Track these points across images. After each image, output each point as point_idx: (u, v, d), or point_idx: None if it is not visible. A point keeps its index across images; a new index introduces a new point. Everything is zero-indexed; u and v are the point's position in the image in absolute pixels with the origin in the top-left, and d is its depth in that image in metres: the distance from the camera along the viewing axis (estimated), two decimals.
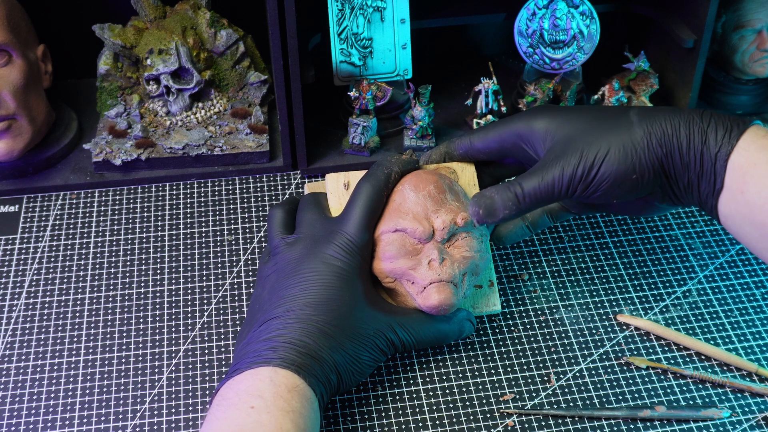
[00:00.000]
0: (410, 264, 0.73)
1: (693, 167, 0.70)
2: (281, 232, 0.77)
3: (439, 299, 0.72)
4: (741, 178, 0.68)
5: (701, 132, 0.70)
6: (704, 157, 0.69)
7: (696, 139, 0.70)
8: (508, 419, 0.73)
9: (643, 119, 0.71)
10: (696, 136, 0.70)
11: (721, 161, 0.69)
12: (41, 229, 0.90)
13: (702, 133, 0.70)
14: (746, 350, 0.78)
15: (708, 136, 0.69)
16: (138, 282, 0.84)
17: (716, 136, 0.69)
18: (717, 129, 0.69)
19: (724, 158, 0.69)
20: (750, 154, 0.68)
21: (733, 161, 0.68)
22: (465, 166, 0.80)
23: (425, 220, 0.73)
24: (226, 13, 1.00)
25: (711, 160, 0.69)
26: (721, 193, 0.69)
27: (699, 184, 0.70)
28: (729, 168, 0.69)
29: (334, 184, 0.79)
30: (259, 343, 0.68)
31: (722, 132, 0.69)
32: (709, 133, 0.69)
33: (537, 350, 0.78)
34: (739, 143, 0.69)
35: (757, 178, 0.67)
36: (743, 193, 0.68)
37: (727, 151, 0.69)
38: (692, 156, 0.70)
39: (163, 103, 0.98)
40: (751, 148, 0.68)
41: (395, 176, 0.75)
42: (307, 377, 0.66)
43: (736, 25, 0.99)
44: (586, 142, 0.71)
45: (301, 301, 0.69)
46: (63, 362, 0.77)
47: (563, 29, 0.96)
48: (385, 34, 0.94)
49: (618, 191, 0.72)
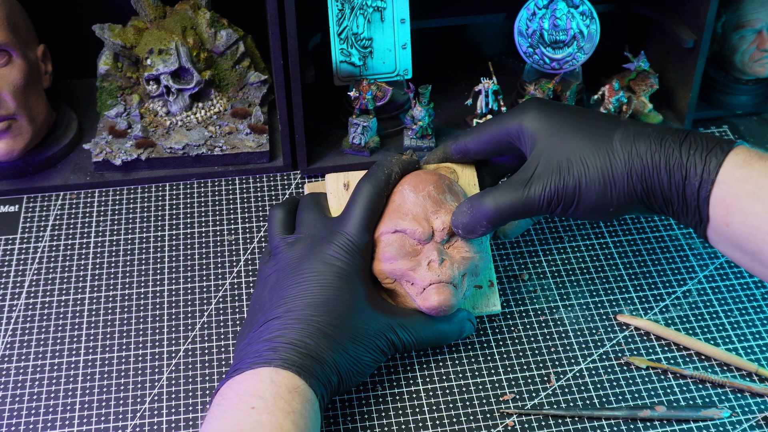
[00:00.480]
0: (410, 265, 0.73)
1: (675, 203, 0.70)
2: (281, 232, 0.77)
3: (439, 300, 0.72)
4: (724, 211, 0.67)
5: (681, 167, 0.68)
6: (686, 194, 0.69)
7: (676, 175, 0.68)
8: (508, 419, 0.73)
9: (625, 148, 0.70)
10: (676, 172, 0.69)
11: (702, 197, 0.68)
12: (41, 229, 0.90)
13: (682, 168, 0.68)
14: (746, 350, 0.78)
15: (689, 171, 0.68)
16: (138, 282, 0.84)
17: (696, 169, 0.68)
18: (696, 162, 0.68)
19: (705, 195, 0.68)
20: (730, 187, 0.67)
21: (714, 196, 0.68)
22: (465, 165, 0.80)
23: (425, 221, 0.73)
24: (226, 13, 1.00)
25: (693, 197, 0.68)
26: (708, 225, 0.69)
27: (684, 217, 0.70)
28: (711, 203, 0.68)
29: (334, 184, 0.79)
30: (259, 344, 0.68)
31: (701, 165, 0.68)
32: (689, 167, 0.68)
33: (537, 350, 0.78)
34: (719, 176, 0.67)
35: (740, 210, 0.67)
36: (728, 225, 0.68)
37: (708, 188, 0.67)
38: (674, 193, 0.69)
39: (163, 103, 0.98)
40: (731, 181, 0.67)
41: (395, 177, 0.75)
42: (307, 378, 0.66)
43: (736, 25, 0.99)
44: (568, 164, 0.70)
45: (302, 301, 0.69)
46: (63, 362, 0.77)
47: (563, 29, 0.96)
48: (385, 34, 0.94)
49: (597, 217, 0.72)
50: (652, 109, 1.00)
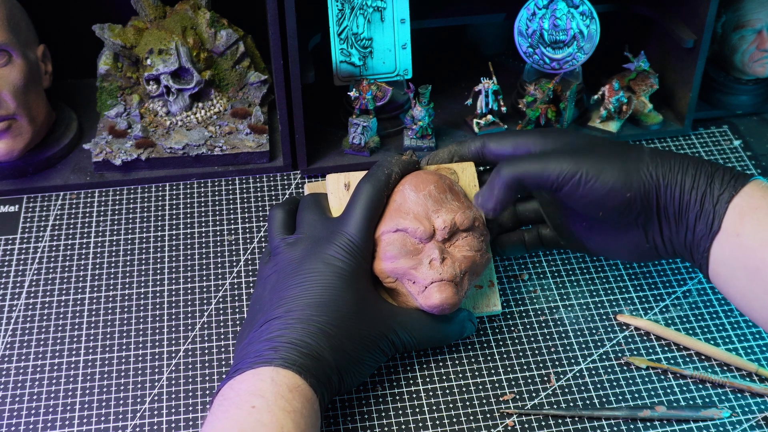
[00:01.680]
0: (411, 264, 0.73)
1: (692, 206, 0.71)
2: (282, 232, 0.77)
3: (441, 298, 0.72)
4: (739, 219, 0.69)
5: (707, 175, 0.71)
6: (706, 198, 0.70)
7: (701, 180, 0.71)
8: (508, 419, 0.73)
9: (655, 154, 0.73)
10: (702, 177, 0.71)
11: (723, 203, 0.70)
12: (41, 229, 0.90)
13: (708, 176, 0.71)
14: (746, 350, 0.78)
15: (714, 179, 0.71)
16: (138, 282, 0.84)
17: (722, 180, 0.71)
18: (723, 176, 0.71)
19: (726, 200, 0.70)
20: (752, 199, 0.70)
21: (734, 204, 0.70)
22: (465, 166, 0.80)
23: (426, 220, 0.73)
24: (226, 13, 1.00)
25: (712, 202, 0.70)
26: (717, 235, 0.70)
27: (696, 224, 0.71)
28: (729, 210, 0.70)
29: (335, 184, 0.79)
30: (260, 343, 0.68)
31: (728, 178, 0.71)
32: (715, 177, 0.71)
33: (537, 350, 0.78)
34: (743, 189, 0.70)
35: (755, 221, 0.69)
36: (738, 235, 0.69)
37: (731, 194, 0.70)
38: (693, 195, 0.71)
39: (163, 103, 0.98)
40: (756, 195, 0.70)
41: (396, 177, 0.75)
42: (308, 378, 0.66)
43: (736, 25, 0.99)
44: (591, 155, 0.72)
45: (303, 301, 0.69)
46: (63, 362, 0.77)
47: (563, 29, 0.96)
48: (385, 34, 0.94)
49: (607, 203, 0.72)
50: (652, 109, 1.00)
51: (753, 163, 0.98)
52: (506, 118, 1.00)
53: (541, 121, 0.98)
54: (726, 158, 0.99)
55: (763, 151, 1.00)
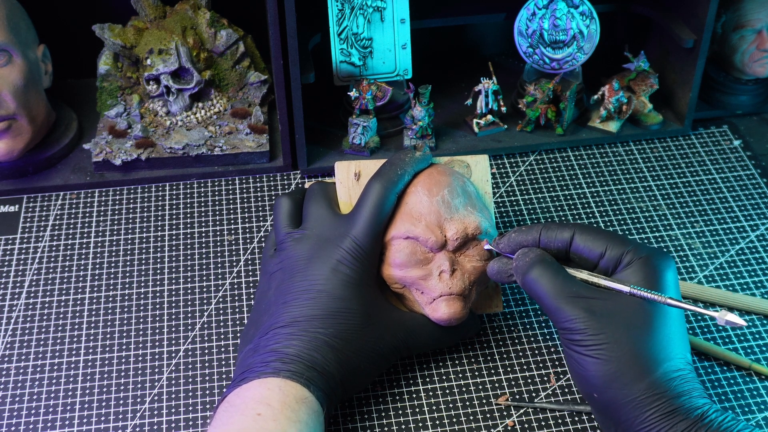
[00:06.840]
0: (420, 274, 0.72)
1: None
2: (288, 225, 0.75)
3: (449, 313, 0.72)
4: None
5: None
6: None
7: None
8: (508, 419, 0.73)
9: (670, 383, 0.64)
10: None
11: None
12: (41, 229, 0.90)
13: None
14: (746, 350, 0.78)
15: None
16: (138, 282, 0.84)
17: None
18: None
19: None
20: None
21: None
22: (479, 159, 0.78)
23: (437, 229, 0.72)
24: (226, 13, 1.00)
25: None
26: None
27: None
28: None
29: (344, 173, 0.76)
30: (267, 353, 0.67)
31: None
32: None
33: (537, 350, 0.78)
34: None
35: None
36: None
37: None
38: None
39: (163, 103, 0.98)
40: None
41: (408, 177, 0.73)
42: (315, 390, 0.65)
43: (736, 25, 0.99)
44: (617, 331, 0.65)
45: (309, 312, 0.69)
46: (63, 362, 0.77)
47: (563, 29, 0.96)
48: (385, 34, 0.94)
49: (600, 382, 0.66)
50: (652, 109, 1.00)
51: (753, 163, 0.98)
52: (506, 118, 1.00)
53: (541, 121, 0.98)
54: (726, 158, 0.99)
55: (763, 151, 1.00)
